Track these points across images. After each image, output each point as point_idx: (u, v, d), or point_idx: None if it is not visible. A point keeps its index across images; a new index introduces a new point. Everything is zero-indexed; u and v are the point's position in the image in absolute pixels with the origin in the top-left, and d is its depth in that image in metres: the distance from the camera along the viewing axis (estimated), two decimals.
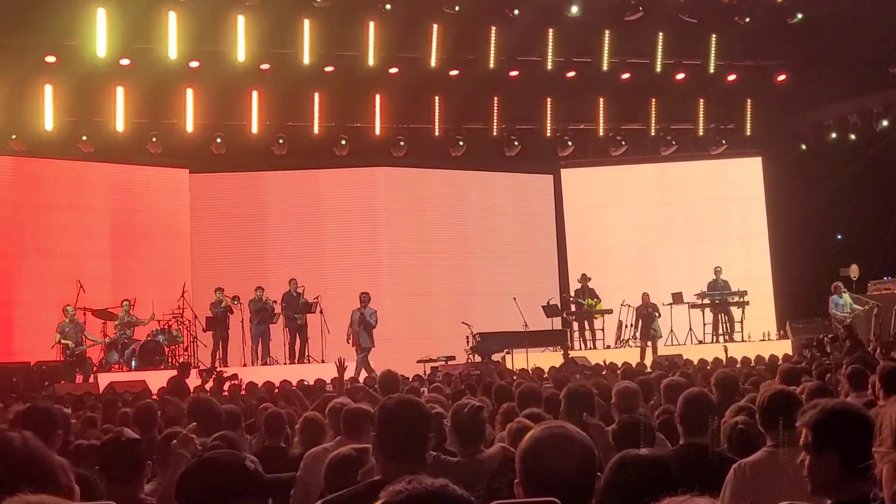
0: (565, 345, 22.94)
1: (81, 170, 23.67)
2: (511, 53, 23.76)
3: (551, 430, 3.30)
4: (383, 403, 4.35)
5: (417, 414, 4.23)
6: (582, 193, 27.43)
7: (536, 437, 3.28)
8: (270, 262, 24.76)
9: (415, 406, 4.29)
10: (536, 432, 3.31)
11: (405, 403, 4.28)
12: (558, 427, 3.36)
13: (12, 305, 22.40)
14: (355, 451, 5.11)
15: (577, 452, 3.23)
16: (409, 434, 4.14)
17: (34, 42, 20.72)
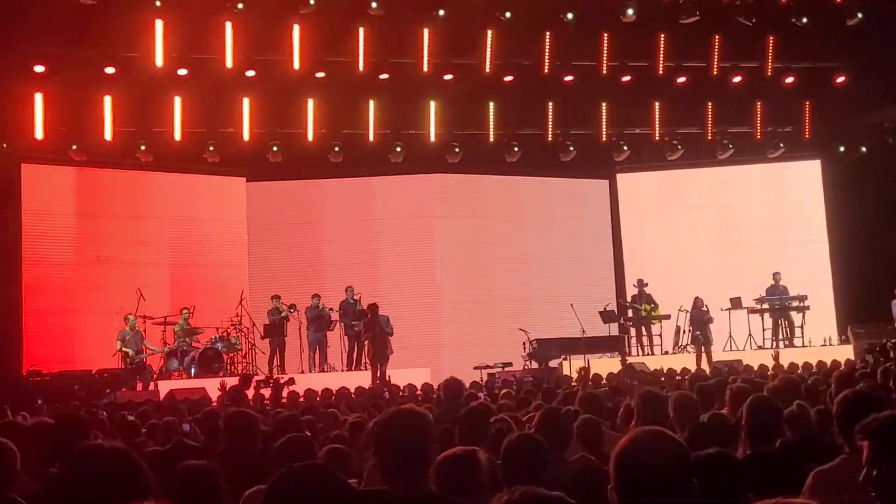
0: (623, 351, 22.78)
1: (140, 179, 23.94)
2: (565, 58, 23.64)
3: (643, 433, 3.24)
4: (379, 418, 4.26)
5: (415, 426, 4.11)
6: (638, 198, 27.27)
7: (632, 440, 3.22)
8: (326, 270, 24.85)
9: (412, 418, 4.16)
10: (633, 434, 3.25)
11: (401, 416, 4.17)
12: (652, 430, 3.30)
13: (74, 314, 22.67)
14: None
15: (674, 455, 3.16)
16: (406, 448, 4.03)
17: (94, 54, 20.95)
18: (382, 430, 4.13)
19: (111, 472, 3.40)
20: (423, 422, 4.16)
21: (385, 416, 4.21)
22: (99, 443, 3.66)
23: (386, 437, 4.08)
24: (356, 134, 24.19)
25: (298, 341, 22.57)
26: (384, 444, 4.07)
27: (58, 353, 21.42)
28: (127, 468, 3.41)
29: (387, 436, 4.08)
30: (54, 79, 21.15)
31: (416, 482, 3.88)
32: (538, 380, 17.82)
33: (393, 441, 4.04)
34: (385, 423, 4.15)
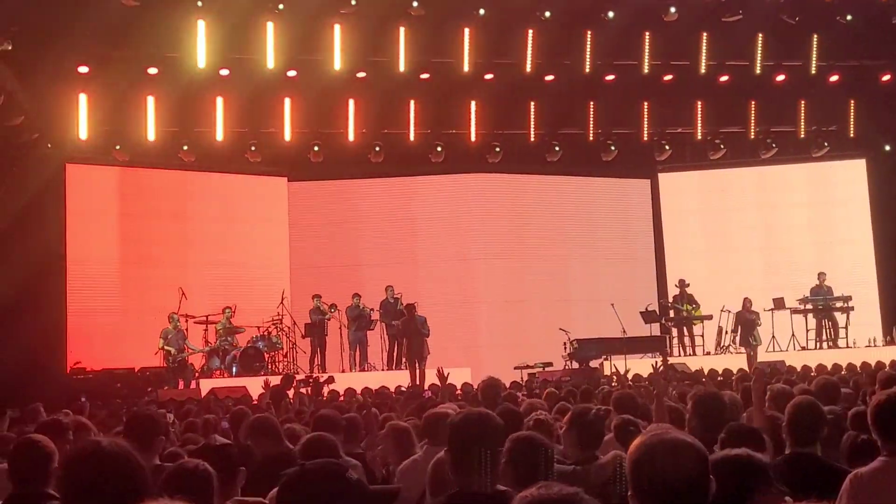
0: (664, 351, 22.66)
1: (183, 179, 24.12)
2: (607, 58, 23.53)
3: (661, 437, 3.20)
4: (453, 419, 4.32)
5: (487, 428, 4.18)
6: (680, 198, 27.12)
7: (646, 444, 3.18)
8: (367, 269, 24.91)
9: (485, 420, 4.23)
10: (645, 439, 3.21)
11: (475, 419, 4.23)
12: (666, 433, 3.26)
13: (117, 312, 22.88)
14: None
15: (691, 458, 3.13)
16: (480, 450, 4.07)
17: (137, 55, 21.12)
18: (458, 430, 4.18)
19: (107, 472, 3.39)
20: (495, 423, 4.23)
21: (459, 416, 4.25)
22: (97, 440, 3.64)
23: (461, 436, 4.14)
24: (397, 134, 24.23)
25: (339, 340, 22.65)
26: (459, 443, 4.13)
27: (101, 352, 21.60)
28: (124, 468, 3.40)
29: (462, 435, 4.14)
30: (98, 80, 21.34)
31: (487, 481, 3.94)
32: (578, 380, 17.76)
33: (468, 441, 4.10)
34: (460, 424, 4.20)
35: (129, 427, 6.28)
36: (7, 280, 17.93)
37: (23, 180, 19.31)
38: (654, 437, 3.19)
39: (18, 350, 17.61)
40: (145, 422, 6.14)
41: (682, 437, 3.22)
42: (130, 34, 20.18)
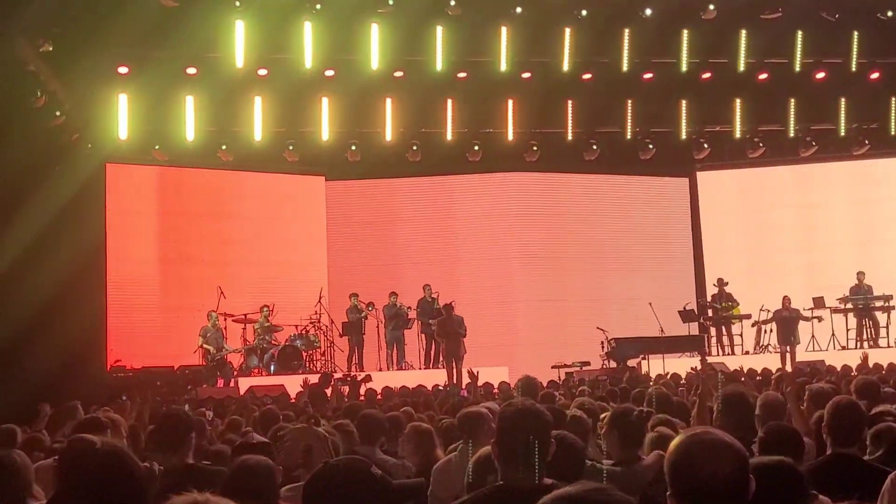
0: (703, 350, 22.53)
1: (221, 178, 24.26)
2: (644, 56, 23.43)
3: (700, 437, 3.17)
4: (503, 410, 4.29)
5: (538, 422, 4.14)
6: (718, 196, 26.99)
7: (685, 444, 3.15)
8: (404, 268, 24.97)
9: (536, 414, 4.19)
10: (684, 439, 3.18)
11: (526, 411, 4.18)
12: (706, 433, 3.22)
13: (157, 311, 23.06)
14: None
15: (732, 459, 3.10)
16: (529, 442, 4.04)
17: (176, 55, 21.24)
18: (508, 421, 4.16)
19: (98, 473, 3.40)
20: (547, 418, 4.21)
21: (510, 408, 4.22)
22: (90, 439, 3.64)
23: (511, 427, 4.12)
24: (434, 133, 24.25)
25: (377, 339, 22.71)
26: (508, 434, 4.11)
27: (140, 350, 21.76)
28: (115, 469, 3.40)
29: (512, 426, 4.12)
30: (137, 80, 21.48)
31: (534, 476, 3.93)
32: (615, 379, 17.70)
33: (518, 432, 4.08)
34: (510, 417, 4.17)
35: (158, 426, 6.30)
36: (48, 279, 18.09)
37: (63, 180, 19.46)
38: (694, 437, 3.16)
39: (59, 348, 17.75)
40: (174, 421, 6.15)
41: (722, 437, 3.18)
42: (169, 35, 20.29)
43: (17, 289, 17.90)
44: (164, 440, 5.98)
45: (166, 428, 6.08)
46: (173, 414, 6.47)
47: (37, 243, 18.42)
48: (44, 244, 18.54)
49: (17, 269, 18.11)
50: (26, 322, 17.44)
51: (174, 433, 5.94)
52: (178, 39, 20.47)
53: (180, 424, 6.06)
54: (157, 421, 6.48)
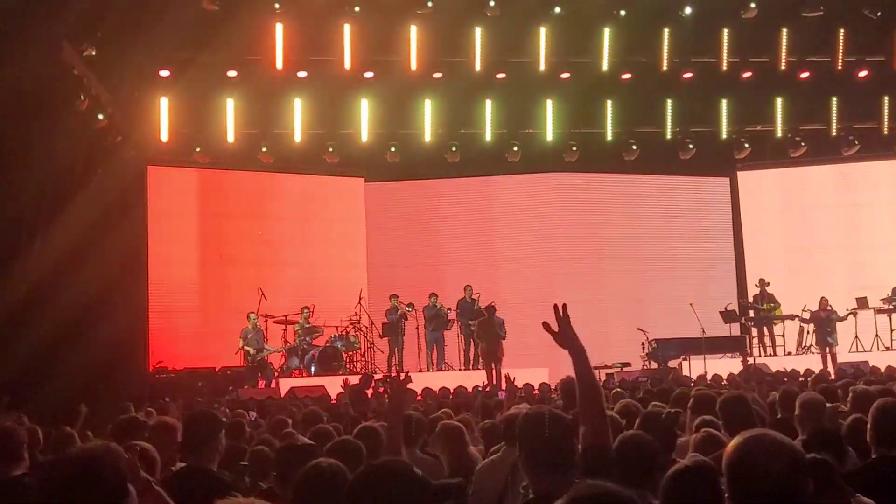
0: (744, 351, 22.42)
1: (262, 180, 24.39)
2: (684, 55, 23.34)
3: (759, 438, 3.16)
4: (524, 415, 4.25)
5: (561, 426, 4.12)
6: (760, 196, 26.80)
7: (744, 445, 3.14)
8: (444, 269, 24.99)
9: (558, 418, 4.17)
10: (742, 441, 3.17)
11: (548, 415, 4.16)
12: (765, 434, 3.21)
13: (198, 312, 23.21)
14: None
15: (790, 460, 3.09)
16: (553, 447, 4.02)
17: (216, 58, 21.38)
18: (529, 431, 4.13)
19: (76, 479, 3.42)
20: (569, 422, 4.19)
21: (532, 413, 4.20)
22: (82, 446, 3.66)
23: (534, 437, 4.09)
24: (473, 134, 24.26)
25: (416, 340, 22.73)
26: (532, 444, 4.08)
27: (182, 351, 21.92)
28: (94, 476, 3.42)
29: (535, 436, 4.09)
30: (179, 83, 21.66)
31: (563, 482, 3.88)
32: (656, 380, 17.63)
33: (542, 436, 4.05)
34: (534, 421, 4.14)
35: (185, 427, 6.29)
36: (90, 280, 18.24)
37: (106, 182, 19.61)
38: (752, 439, 3.16)
39: (101, 349, 17.90)
40: (202, 422, 6.15)
41: (780, 438, 3.17)
42: (210, 38, 20.44)
43: (60, 290, 18.05)
44: (190, 441, 6.00)
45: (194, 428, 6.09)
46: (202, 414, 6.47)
47: (79, 245, 18.58)
48: (86, 246, 18.68)
49: (60, 270, 18.27)
50: (69, 323, 17.58)
51: (201, 434, 5.95)
52: (219, 43, 20.61)
53: (209, 425, 6.06)
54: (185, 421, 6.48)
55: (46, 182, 16.77)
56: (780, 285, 23.91)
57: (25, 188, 15.96)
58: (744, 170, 26.67)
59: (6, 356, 14.84)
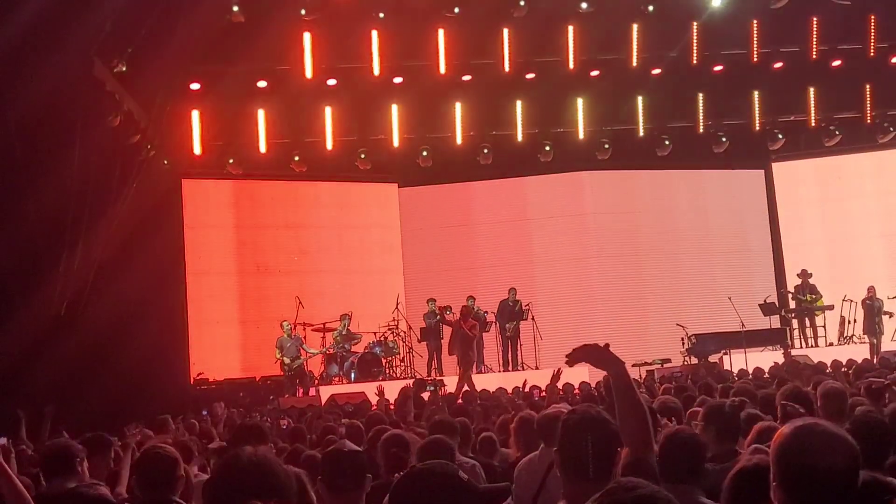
0: (785, 343, 22.25)
1: (295, 189, 24.49)
2: (714, 48, 23.21)
3: (810, 428, 3.12)
4: (566, 418, 4.13)
5: (603, 430, 3.95)
6: (796, 187, 26.59)
7: (794, 434, 3.10)
8: (480, 271, 24.96)
9: (600, 422, 3.99)
10: (793, 430, 3.12)
11: (590, 419, 3.99)
12: (816, 423, 3.16)
13: (237, 323, 23.30)
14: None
15: (841, 450, 3.05)
16: (593, 452, 3.86)
17: (246, 69, 21.48)
18: (569, 432, 3.98)
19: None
20: (612, 427, 4.03)
21: (574, 416, 4.04)
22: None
23: (573, 439, 3.95)
24: (504, 135, 24.22)
25: None
26: (570, 446, 3.94)
27: (222, 362, 22.03)
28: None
29: (575, 438, 3.94)
30: (209, 95, 21.79)
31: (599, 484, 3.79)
32: (697, 375, 17.52)
33: (583, 441, 3.90)
34: (575, 425, 3.99)
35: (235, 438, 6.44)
36: (128, 293, 18.40)
37: (141, 196, 19.78)
38: (804, 428, 3.11)
39: (140, 361, 18.05)
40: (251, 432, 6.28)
41: (832, 428, 3.13)
42: (239, 49, 20.56)
43: (99, 303, 18.23)
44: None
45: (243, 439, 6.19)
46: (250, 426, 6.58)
47: (117, 258, 18.75)
48: (123, 259, 18.85)
49: (97, 284, 18.45)
50: (108, 335, 17.74)
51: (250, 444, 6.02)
52: (248, 53, 20.73)
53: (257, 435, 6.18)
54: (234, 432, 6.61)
55: (82, 197, 16.91)
56: (819, 276, 23.70)
57: (62, 203, 16.10)
58: (778, 161, 26.48)
59: (47, 367, 14.97)
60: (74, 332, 16.74)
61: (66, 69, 14.89)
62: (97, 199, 17.64)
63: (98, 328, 17.46)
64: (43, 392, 13.73)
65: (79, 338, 16.60)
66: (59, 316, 16.81)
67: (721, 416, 6.29)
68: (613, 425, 4.02)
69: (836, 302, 22.94)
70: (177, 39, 18.66)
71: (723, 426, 6.24)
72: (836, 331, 23.18)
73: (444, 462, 3.89)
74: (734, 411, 6.44)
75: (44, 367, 15.02)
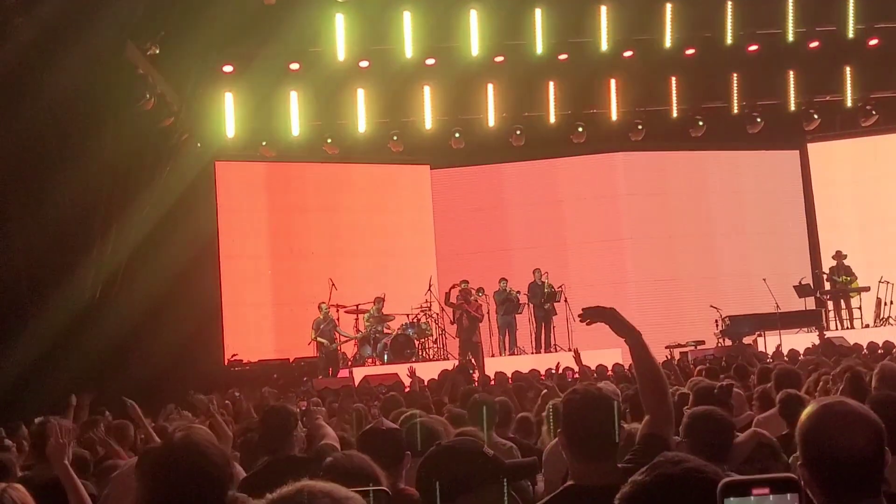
0: (820, 325, 22.11)
1: (328, 172, 24.52)
2: (749, 27, 23.01)
3: (836, 407, 3.09)
4: (568, 398, 4.09)
5: (605, 408, 3.90)
6: (831, 168, 26.34)
7: (820, 414, 3.08)
8: (513, 253, 24.93)
9: (602, 400, 3.94)
10: (818, 409, 3.10)
11: (593, 397, 3.95)
12: (842, 402, 3.14)
13: (270, 305, 23.40)
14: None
15: (867, 429, 3.02)
16: (597, 431, 3.84)
17: (278, 51, 21.52)
18: (572, 412, 3.95)
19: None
20: (616, 404, 3.97)
21: (577, 395, 4.00)
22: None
23: (577, 419, 3.92)
24: (537, 116, 24.14)
25: (488, 325, 22.70)
26: (574, 426, 3.91)
27: (256, 343, 22.14)
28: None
29: (578, 418, 3.91)
30: (242, 78, 21.84)
31: (604, 470, 3.78)
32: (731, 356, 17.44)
33: (586, 419, 3.88)
34: (575, 405, 3.95)
35: (263, 421, 6.50)
36: (163, 276, 18.52)
37: (174, 179, 19.88)
38: (828, 408, 3.09)
39: (175, 343, 18.17)
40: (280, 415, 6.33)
41: (857, 407, 3.10)
42: (271, 32, 20.59)
43: (134, 287, 18.37)
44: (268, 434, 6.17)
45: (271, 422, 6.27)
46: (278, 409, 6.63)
47: (151, 242, 18.87)
48: (157, 242, 18.98)
49: (132, 267, 18.58)
50: (143, 318, 17.89)
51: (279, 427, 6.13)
52: (280, 36, 20.75)
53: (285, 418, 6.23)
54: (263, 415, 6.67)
55: (116, 180, 17.03)
56: (855, 257, 23.51)
57: (95, 186, 16.21)
58: (814, 141, 26.24)
59: (81, 352, 15.10)
60: (109, 316, 16.86)
61: (98, 52, 14.96)
62: (130, 182, 17.77)
63: (132, 312, 17.59)
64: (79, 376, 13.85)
65: (113, 321, 16.72)
66: (93, 300, 16.92)
67: (710, 399, 6.36)
68: (617, 402, 3.99)
69: (871, 283, 22.73)
70: (209, 22, 18.72)
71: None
72: (873, 312, 22.99)
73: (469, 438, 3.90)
74: (723, 394, 6.47)
75: (79, 351, 15.14)
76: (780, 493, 1.85)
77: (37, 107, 13.97)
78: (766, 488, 1.85)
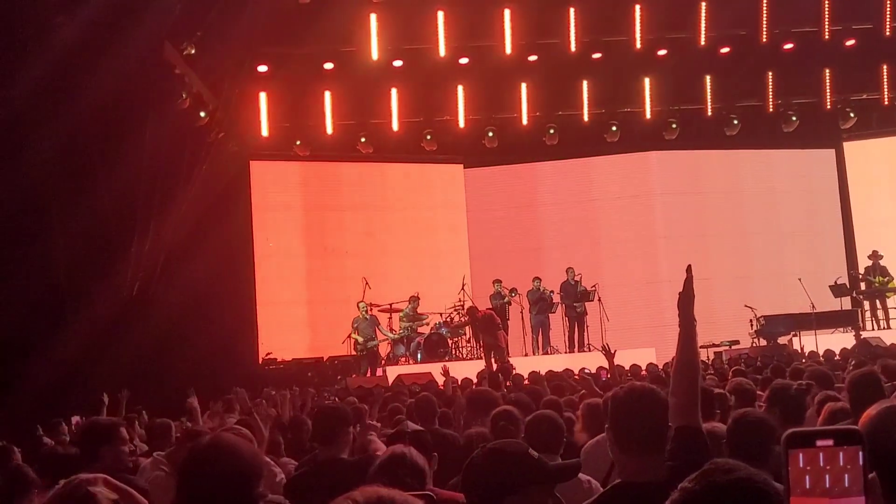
0: (856, 325, 21.95)
1: (362, 170, 24.56)
2: (784, 26, 22.89)
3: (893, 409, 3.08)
4: (615, 394, 4.10)
5: (654, 404, 3.92)
6: (867, 166, 26.13)
7: (879, 415, 3.07)
8: (546, 252, 24.88)
9: (651, 395, 3.98)
10: (878, 411, 3.09)
11: (641, 393, 3.98)
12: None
13: (304, 303, 23.47)
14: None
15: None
16: (644, 427, 3.84)
17: (312, 51, 21.62)
18: (621, 408, 3.96)
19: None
20: (663, 399, 3.99)
21: (623, 390, 4.03)
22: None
23: (625, 415, 3.93)
24: (570, 115, 24.11)
25: (521, 324, 22.69)
26: (622, 423, 3.92)
27: (290, 342, 22.21)
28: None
29: (627, 415, 3.93)
30: (277, 77, 21.96)
31: (653, 465, 3.79)
32: (767, 356, 17.36)
33: (633, 415, 3.89)
34: (624, 398, 3.97)
35: (315, 421, 6.53)
36: (198, 275, 18.63)
37: (209, 178, 20.01)
38: (888, 409, 3.09)
39: (210, 342, 18.29)
40: (331, 416, 6.34)
41: None
42: (305, 32, 20.68)
43: (170, 285, 18.49)
44: (319, 433, 6.27)
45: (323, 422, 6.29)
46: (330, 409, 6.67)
47: (187, 241, 18.99)
48: (193, 242, 19.09)
49: (168, 267, 18.70)
50: (179, 316, 17.99)
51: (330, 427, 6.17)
52: (314, 36, 20.86)
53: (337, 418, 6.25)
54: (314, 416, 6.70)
55: (152, 179, 17.15)
56: (891, 257, 23.31)
57: (134, 186, 16.33)
58: (850, 140, 26.04)
59: (119, 350, 15.22)
60: (146, 315, 16.99)
61: (136, 53, 15.08)
62: (167, 181, 17.88)
63: (169, 310, 17.71)
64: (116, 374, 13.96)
65: (150, 320, 16.85)
66: (131, 299, 17.06)
67: (786, 398, 6.23)
68: (663, 397, 4.01)
69: None
70: (244, 22, 18.82)
71: (787, 407, 6.17)
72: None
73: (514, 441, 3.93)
74: (800, 393, 6.38)
75: (116, 350, 15.26)
76: (844, 445, 1.90)
77: (78, 107, 14.10)
78: (829, 440, 1.89)
